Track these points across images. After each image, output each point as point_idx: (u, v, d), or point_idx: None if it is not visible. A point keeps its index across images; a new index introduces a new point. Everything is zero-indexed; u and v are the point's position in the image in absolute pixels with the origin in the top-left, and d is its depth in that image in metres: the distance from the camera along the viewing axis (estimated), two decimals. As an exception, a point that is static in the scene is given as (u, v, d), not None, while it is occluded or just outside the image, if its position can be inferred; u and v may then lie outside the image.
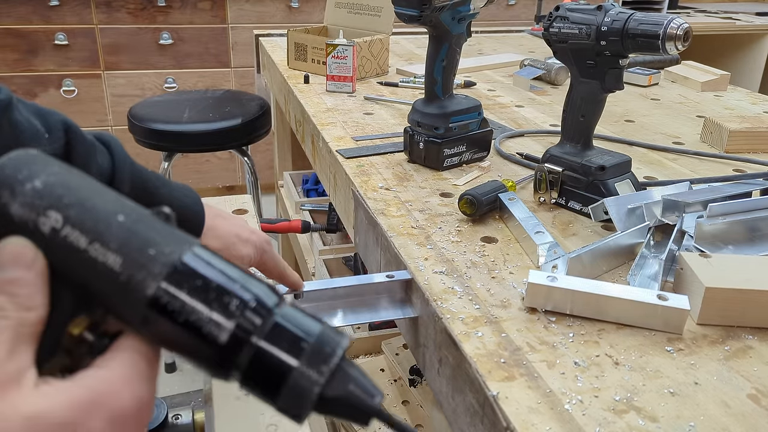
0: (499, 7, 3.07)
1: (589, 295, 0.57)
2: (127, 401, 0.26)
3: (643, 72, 1.51)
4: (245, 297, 0.28)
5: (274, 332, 0.28)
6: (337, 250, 1.56)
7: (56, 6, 2.56)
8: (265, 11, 2.80)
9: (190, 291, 0.27)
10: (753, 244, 0.68)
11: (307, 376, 0.27)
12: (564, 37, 0.77)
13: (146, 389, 0.27)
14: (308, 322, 0.29)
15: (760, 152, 1.05)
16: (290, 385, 0.27)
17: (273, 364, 0.27)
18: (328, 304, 0.65)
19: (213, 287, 0.27)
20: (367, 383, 0.29)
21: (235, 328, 0.27)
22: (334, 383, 0.28)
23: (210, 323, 0.27)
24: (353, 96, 1.34)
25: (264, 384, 0.28)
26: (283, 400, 0.28)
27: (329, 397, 0.28)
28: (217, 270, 0.28)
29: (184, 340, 0.27)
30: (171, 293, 0.27)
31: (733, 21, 2.82)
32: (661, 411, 0.47)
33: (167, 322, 0.27)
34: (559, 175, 0.80)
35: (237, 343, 0.27)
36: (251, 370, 0.27)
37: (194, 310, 0.27)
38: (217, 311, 0.27)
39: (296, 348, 0.28)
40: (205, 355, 0.27)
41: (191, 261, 0.28)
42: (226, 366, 0.28)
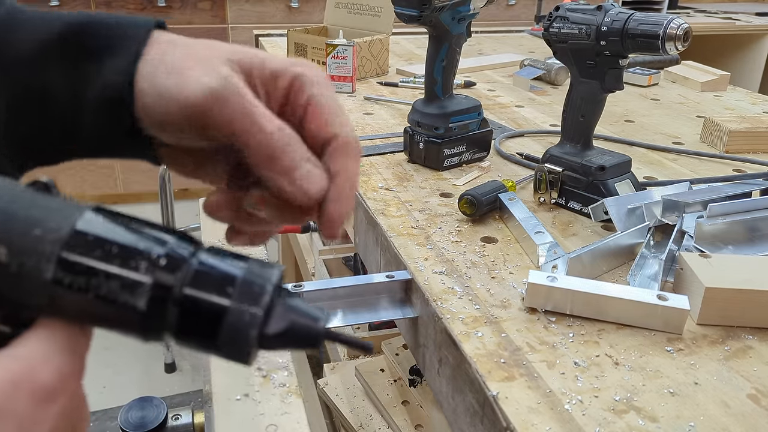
0: (499, 7, 3.07)
1: (589, 295, 0.57)
2: (47, 375, 0.25)
3: (643, 72, 1.51)
4: (154, 253, 0.26)
5: (195, 282, 0.26)
6: (337, 250, 1.56)
7: (56, 6, 2.55)
8: (265, 11, 2.80)
9: (90, 263, 0.25)
10: (753, 244, 0.68)
11: (242, 317, 0.26)
12: (564, 37, 0.77)
13: (68, 361, 0.26)
14: (231, 262, 0.27)
15: (760, 152, 1.05)
16: (226, 331, 0.26)
17: (202, 314, 0.26)
18: (328, 304, 0.65)
19: (115, 253, 0.25)
20: (308, 309, 0.28)
21: (150, 290, 0.25)
22: (272, 318, 0.27)
23: (122, 292, 0.25)
24: (353, 96, 1.34)
25: (199, 336, 0.26)
26: (223, 347, 0.26)
27: (272, 333, 0.27)
28: (117, 231, 0.26)
29: (101, 314, 0.26)
30: (70, 271, 0.25)
31: (733, 21, 2.82)
32: (661, 411, 0.47)
33: (76, 300, 0.25)
34: (559, 175, 0.80)
35: (158, 305, 0.26)
36: (181, 325, 0.26)
37: (101, 283, 0.25)
38: (126, 277, 0.25)
39: (223, 291, 0.26)
40: (128, 323, 0.26)
41: (84, 229, 0.25)
42: (155, 329, 0.26)
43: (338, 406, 1.13)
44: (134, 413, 0.63)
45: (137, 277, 0.25)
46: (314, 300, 0.64)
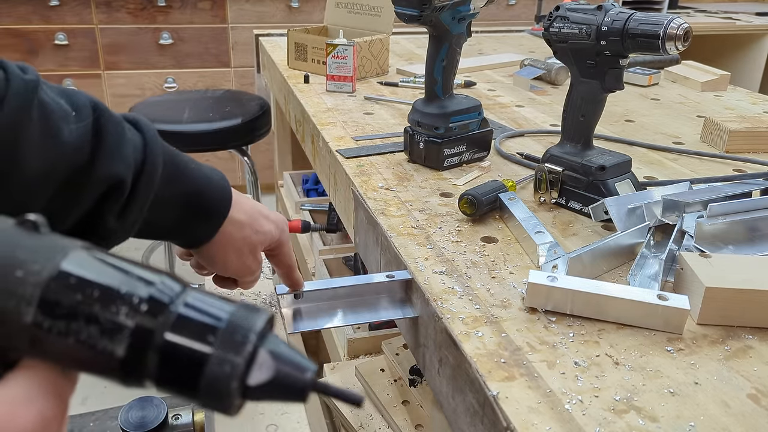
0: (499, 7, 3.07)
1: (589, 295, 0.57)
2: (28, 419, 0.24)
3: (643, 72, 1.51)
4: (135, 298, 0.25)
5: (176, 328, 0.25)
6: (337, 250, 1.56)
7: (56, 6, 2.55)
8: (265, 11, 2.80)
9: (71, 308, 0.24)
10: (753, 244, 0.68)
11: (222, 367, 0.25)
12: (564, 37, 0.77)
13: (50, 406, 0.25)
14: (216, 307, 0.26)
15: (760, 152, 1.05)
16: (206, 381, 0.25)
17: (182, 362, 0.25)
18: (328, 304, 0.65)
19: (96, 297, 0.25)
20: (295, 358, 0.27)
21: (130, 336, 0.25)
22: (256, 368, 0.26)
23: (102, 338, 0.25)
24: (353, 96, 1.34)
25: (179, 385, 0.26)
26: (204, 397, 0.26)
27: (254, 385, 0.26)
28: (101, 273, 0.25)
29: (81, 359, 0.25)
30: (50, 315, 0.24)
31: (733, 21, 2.82)
32: (661, 411, 0.47)
33: (57, 344, 0.25)
34: (559, 175, 0.80)
35: (137, 351, 0.25)
36: (161, 373, 0.25)
37: (81, 328, 0.24)
38: (105, 323, 0.25)
39: (204, 339, 0.25)
40: (108, 369, 0.25)
41: (67, 271, 0.25)
42: (135, 376, 0.25)
43: (338, 405, 1.12)
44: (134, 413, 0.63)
45: (117, 324, 0.25)
46: (314, 300, 0.64)
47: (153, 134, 0.51)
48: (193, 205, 0.54)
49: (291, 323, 0.63)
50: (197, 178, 0.55)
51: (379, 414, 1.09)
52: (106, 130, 0.47)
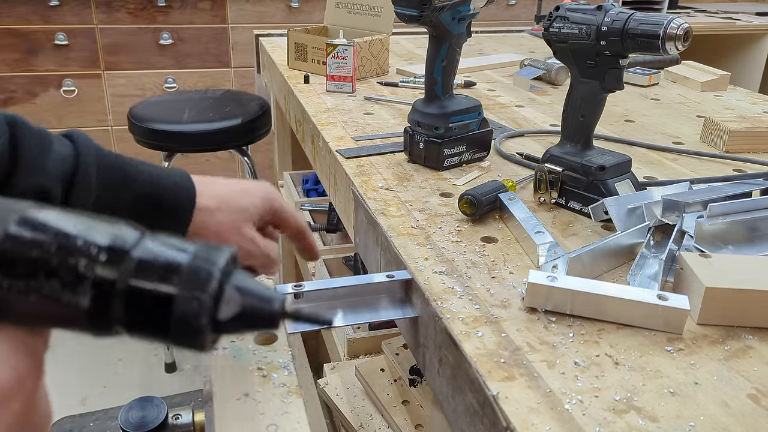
0: (499, 7, 3.07)
1: (589, 295, 0.57)
2: (3, 377, 0.24)
3: (643, 72, 1.51)
4: (94, 248, 0.25)
5: (138, 273, 0.25)
6: (337, 250, 1.56)
7: (56, 6, 2.55)
8: (265, 11, 2.80)
9: (29, 266, 0.24)
10: (753, 244, 0.67)
11: (189, 305, 0.25)
12: (564, 37, 0.77)
13: (24, 363, 0.25)
14: (177, 248, 0.26)
15: (760, 152, 1.05)
16: (176, 321, 0.25)
17: (148, 306, 0.25)
18: (328, 304, 0.65)
19: (53, 252, 0.24)
20: (260, 289, 0.27)
21: (92, 287, 0.25)
22: (223, 303, 0.26)
23: (64, 291, 0.24)
24: (353, 96, 1.34)
25: (149, 328, 0.26)
26: (176, 337, 0.26)
27: (224, 318, 0.26)
28: (57, 227, 0.25)
29: (46, 315, 0.25)
30: (8, 274, 0.24)
31: (733, 21, 2.82)
32: (661, 411, 0.47)
33: (20, 303, 0.25)
34: (559, 175, 0.80)
35: (102, 300, 0.25)
36: (129, 319, 0.25)
37: (42, 284, 0.24)
38: (66, 276, 0.24)
39: (168, 280, 0.25)
40: (75, 322, 0.25)
41: (19, 232, 0.24)
42: (103, 325, 0.25)
43: (338, 405, 1.12)
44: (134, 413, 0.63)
45: (77, 275, 0.25)
46: (315, 300, 0.64)
47: (87, 146, 0.53)
48: (149, 206, 0.55)
49: (291, 323, 0.63)
50: (150, 180, 0.56)
51: (379, 414, 1.09)
52: (23, 144, 0.49)
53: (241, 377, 0.53)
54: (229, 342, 0.57)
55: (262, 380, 0.53)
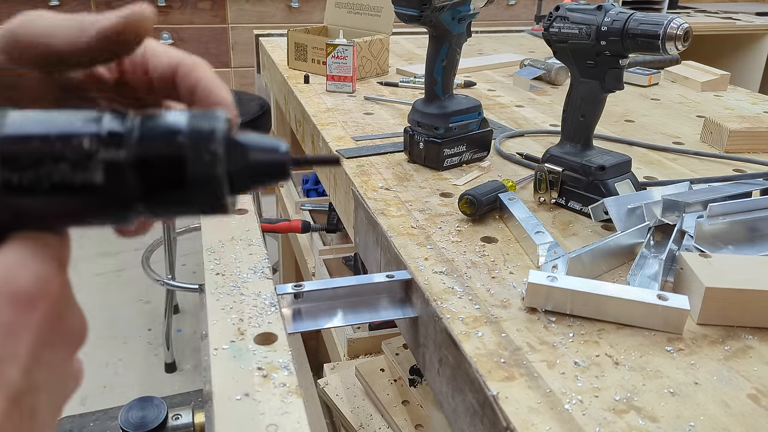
0: (499, 7, 3.07)
1: (589, 295, 0.57)
2: (26, 280, 0.24)
3: (643, 72, 1.51)
4: (92, 129, 0.25)
5: (144, 140, 0.25)
6: (337, 250, 1.56)
7: (56, 6, 2.55)
8: (265, 11, 2.80)
9: (33, 154, 0.24)
10: (753, 244, 0.68)
11: (202, 158, 0.25)
12: (564, 37, 0.77)
13: (49, 267, 0.25)
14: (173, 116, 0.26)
15: (760, 152, 1.05)
16: (192, 178, 0.25)
17: (162, 168, 0.25)
18: (328, 304, 0.65)
19: (54, 138, 0.24)
20: (265, 140, 0.27)
21: (102, 160, 0.24)
22: (233, 156, 0.26)
23: (75, 172, 0.24)
24: (353, 96, 1.34)
25: (167, 193, 0.25)
26: (194, 198, 0.26)
27: (238, 170, 0.26)
28: (49, 122, 0.25)
29: (63, 206, 0.25)
30: (16, 168, 0.24)
31: (733, 21, 2.82)
32: (661, 411, 0.47)
33: (34, 200, 0.24)
34: (559, 175, 0.80)
35: (115, 173, 0.25)
36: (146, 188, 0.25)
37: (51, 171, 0.24)
38: (73, 156, 0.24)
39: (174, 141, 0.25)
40: (93, 205, 0.25)
41: (12, 130, 0.24)
42: (121, 202, 0.25)
43: (338, 405, 1.13)
44: (134, 413, 0.63)
45: (85, 152, 0.24)
46: (315, 300, 0.64)
47: None
48: None
49: (291, 323, 0.63)
50: None
51: (379, 414, 1.09)
52: None
53: (241, 377, 0.53)
54: (229, 342, 0.57)
55: (262, 380, 0.53)
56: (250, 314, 0.58)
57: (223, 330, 0.56)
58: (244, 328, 0.56)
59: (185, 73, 0.33)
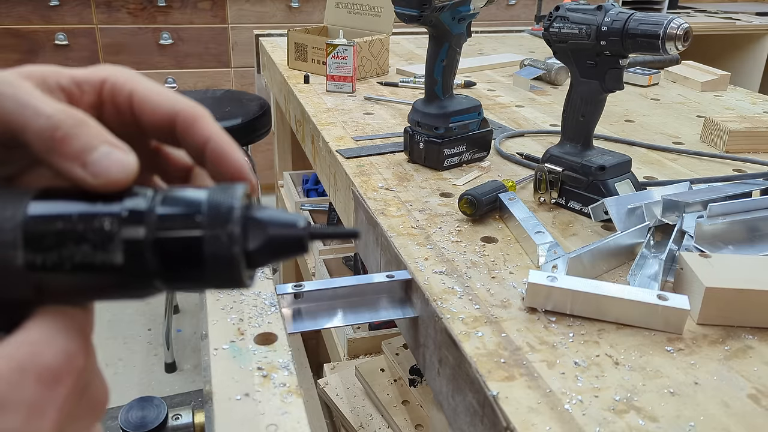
0: (499, 7, 3.07)
1: (589, 295, 0.57)
2: (52, 357, 0.24)
3: (643, 72, 1.51)
4: (113, 210, 0.25)
5: (163, 221, 0.26)
6: (337, 250, 1.56)
7: (56, 6, 2.55)
8: (265, 11, 2.80)
9: (57, 237, 0.25)
10: (753, 244, 0.68)
11: (219, 239, 0.26)
12: (564, 37, 0.77)
13: (73, 341, 0.25)
14: (191, 194, 0.27)
15: (760, 152, 1.05)
16: (210, 258, 0.26)
17: (180, 249, 0.26)
18: (328, 304, 0.65)
19: (76, 219, 0.25)
20: (283, 216, 0.27)
21: (123, 241, 0.25)
22: (251, 234, 0.26)
23: (96, 253, 0.25)
24: (353, 96, 1.34)
25: (186, 272, 0.26)
26: (213, 277, 0.26)
27: (256, 249, 0.26)
28: (70, 204, 0.26)
29: (85, 284, 0.25)
30: (39, 249, 0.25)
31: (733, 21, 2.82)
32: (661, 411, 0.47)
33: (57, 278, 0.25)
34: (559, 175, 0.80)
35: (135, 253, 0.25)
36: (165, 267, 0.26)
37: (73, 252, 0.25)
38: (95, 237, 0.25)
39: (192, 221, 0.26)
40: (114, 283, 0.26)
41: (37, 210, 0.25)
42: (141, 281, 0.26)
43: (338, 405, 1.13)
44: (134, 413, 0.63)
45: (105, 233, 0.25)
46: (315, 300, 0.64)
47: None
48: None
49: (291, 323, 0.63)
50: None
51: (379, 414, 1.09)
52: None
53: (241, 377, 0.53)
54: (229, 342, 0.57)
55: (262, 380, 0.53)
56: (250, 314, 0.58)
57: (223, 330, 0.56)
58: (244, 328, 0.57)
59: (187, 127, 0.29)
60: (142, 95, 0.29)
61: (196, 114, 0.29)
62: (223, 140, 0.30)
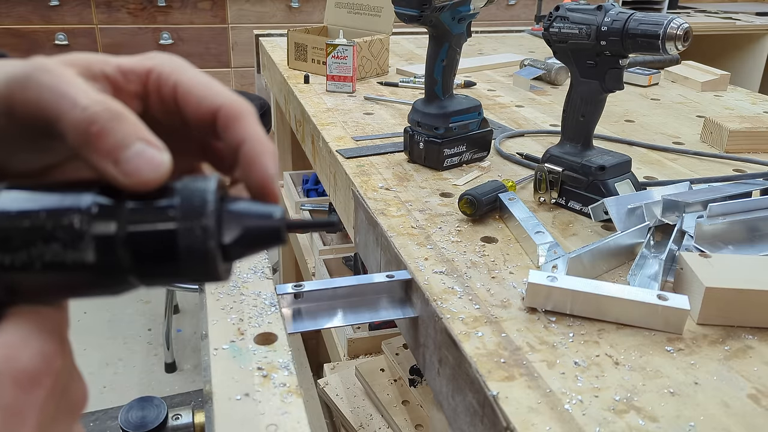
0: (499, 7, 3.07)
1: (589, 295, 0.57)
2: (28, 359, 0.24)
3: (643, 72, 1.51)
4: (83, 205, 0.25)
5: (134, 216, 0.25)
6: (337, 250, 1.56)
7: (56, 6, 2.56)
8: (265, 11, 2.80)
9: (25, 236, 0.24)
10: (753, 244, 0.68)
11: (193, 234, 0.25)
12: (564, 37, 0.77)
13: (49, 342, 0.25)
14: (163, 186, 0.26)
15: (760, 152, 1.05)
16: (184, 254, 0.25)
17: (153, 245, 0.25)
18: (328, 304, 0.65)
19: (44, 217, 0.24)
20: (258, 207, 0.27)
21: (93, 239, 0.24)
22: (225, 227, 0.26)
23: (67, 252, 0.24)
24: (353, 96, 1.34)
25: (160, 268, 0.25)
26: (188, 271, 0.25)
27: (231, 242, 0.26)
28: (38, 200, 0.25)
29: (58, 283, 0.25)
30: (7, 250, 0.24)
31: (733, 21, 2.82)
32: (661, 411, 0.47)
33: (28, 278, 0.24)
34: (559, 175, 0.80)
35: (106, 251, 0.24)
36: (138, 264, 0.25)
37: (43, 251, 0.24)
38: (64, 236, 0.24)
39: (165, 216, 0.25)
40: (87, 282, 0.25)
41: (4, 206, 0.24)
42: (115, 278, 0.25)
43: (338, 405, 1.13)
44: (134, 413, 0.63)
45: (75, 231, 0.24)
46: (314, 300, 0.64)
47: None
48: None
49: (291, 323, 0.63)
50: None
51: (379, 414, 1.09)
52: None
53: (241, 377, 0.53)
54: (229, 342, 0.57)
55: (262, 380, 0.53)
56: (250, 314, 0.58)
57: (223, 330, 0.56)
58: (244, 328, 0.56)
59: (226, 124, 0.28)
60: (186, 87, 0.28)
61: (238, 111, 0.28)
62: (258, 145, 0.28)
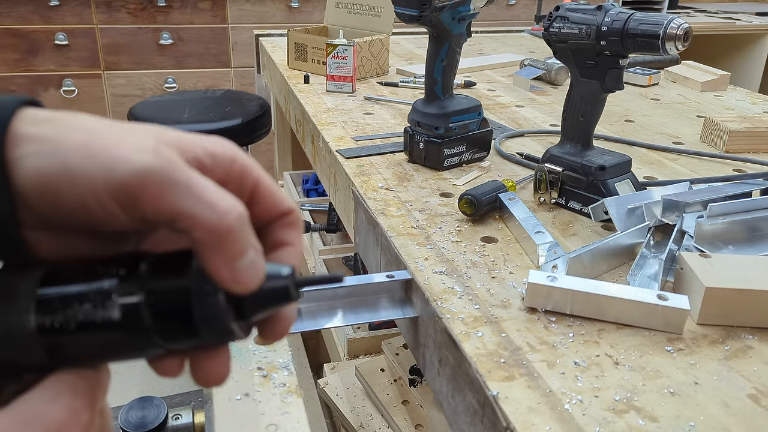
0: (499, 7, 3.07)
1: (589, 295, 0.57)
2: (57, 411, 0.26)
3: (643, 72, 1.51)
4: (113, 271, 0.28)
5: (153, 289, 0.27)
6: (337, 250, 1.56)
7: (56, 6, 2.55)
8: (265, 11, 2.80)
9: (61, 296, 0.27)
10: (753, 244, 0.68)
11: (207, 291, 0.27)
12: (564, 37, 0.77)
13: (79, 399, 0.27)
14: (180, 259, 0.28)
15: (760, 152, 1.05)
16: (200, 310, 0.27)
17: (171, 301, 0.27)
18: (328, 304, 0.65)
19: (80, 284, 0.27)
20: (269, 267, 0.28)
21: (120, 299, 0.27)
22: None
23: (97, 310, 0.27)
24: (353, 96, 1.34)
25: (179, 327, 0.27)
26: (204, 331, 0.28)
27: (242, 302, 0.28)
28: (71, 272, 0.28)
29: (90, 343, 0.27)
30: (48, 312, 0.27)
31: (733, 21, 2.82)
32: (661, 411, 0.47)
33: (63, 339, 0.27)
34: (559, 175, 0.80)
35: (131, 310, 0.27)
36: (159, 322, 0.27)
37: (78, 311, 0.27)
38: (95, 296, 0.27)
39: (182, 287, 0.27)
40: (116, 341, 0.27)
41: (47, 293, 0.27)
42: (139, 336, 0.27)
43: (338, 405, 1.13)
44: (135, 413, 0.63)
45: (103, 291, 0.27)
46: (315, 300, 0.64)
47: None
48: None
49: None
50: None
51: (379, 414, 1.09)
52: None
53: (241, 377, 0.53)
54: (229, 342, 0.57)
55: (262, 380, 0.53)
56: (250, 314, 0.58)
57: (223, 330, 0.56)
58: (244, 328, 0.56)
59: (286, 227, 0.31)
60: (267, 187, 0.30)
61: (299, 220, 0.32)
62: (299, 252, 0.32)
